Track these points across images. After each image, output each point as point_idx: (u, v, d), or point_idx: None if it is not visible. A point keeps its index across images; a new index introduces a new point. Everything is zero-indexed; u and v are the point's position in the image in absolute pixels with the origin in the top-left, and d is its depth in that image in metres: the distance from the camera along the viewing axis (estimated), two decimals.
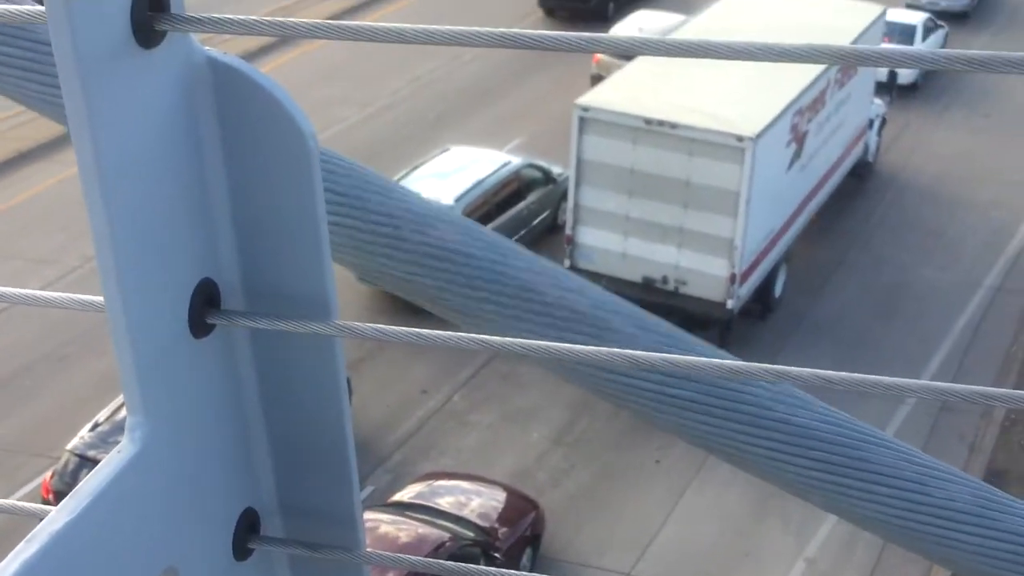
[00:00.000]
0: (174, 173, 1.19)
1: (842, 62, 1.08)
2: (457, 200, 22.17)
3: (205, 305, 1.24)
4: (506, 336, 1.57)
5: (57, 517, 1.12)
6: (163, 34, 1.12)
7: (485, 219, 22.56)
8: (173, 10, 1.12)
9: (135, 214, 1.14)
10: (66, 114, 1.09)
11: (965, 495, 1.61)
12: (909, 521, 1.61)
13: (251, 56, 31.44)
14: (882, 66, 1.07)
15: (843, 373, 1.14)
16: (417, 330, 1.20)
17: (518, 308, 1.61)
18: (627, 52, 1.14)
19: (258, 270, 1.26)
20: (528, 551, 16.51)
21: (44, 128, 26.28)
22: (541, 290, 1.62)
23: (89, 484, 1.15)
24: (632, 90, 21.43)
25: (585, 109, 20.96)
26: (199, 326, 1.24)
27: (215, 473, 1.31)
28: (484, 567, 1.38)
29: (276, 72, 30.81)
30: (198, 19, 1.12)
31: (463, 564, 1.38)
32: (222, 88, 1.19)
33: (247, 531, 1.35)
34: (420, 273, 1.62)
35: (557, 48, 1.10)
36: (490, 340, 1.22)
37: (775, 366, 1.16)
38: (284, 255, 1.25)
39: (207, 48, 1.19)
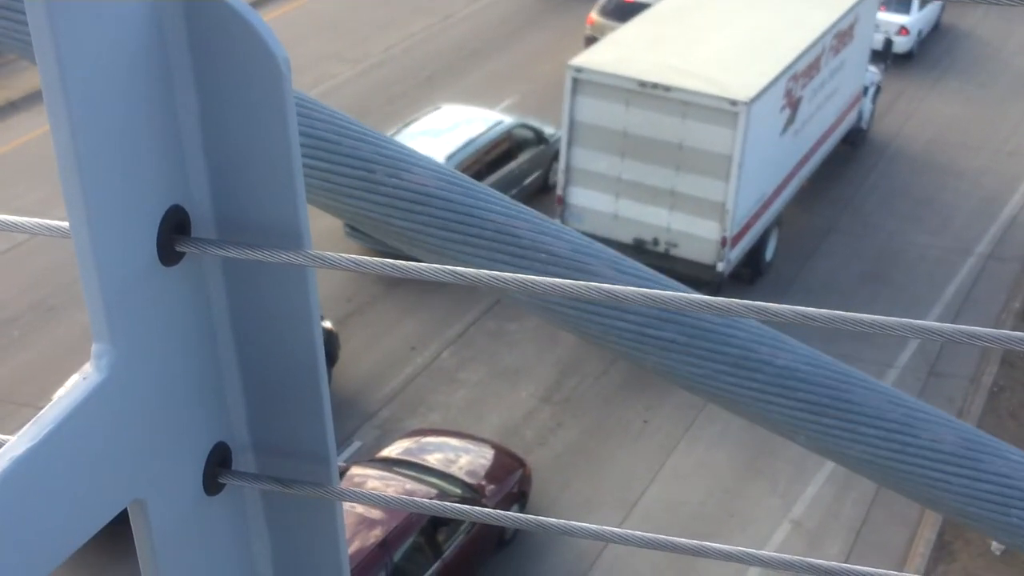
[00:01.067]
0: (142, 96, 1.14)
1: None
2: (448, 158, 22.10)
3: (174, 232, 1.20)
4: None
5: (18, 443, 1.08)
6: None
7: (476, 178, 22.12)
8: None
9: (101, 137, 1.10)
10: (31, 34, 1.04)
11: (951, 437, 1.61)
12: (895, 462, 1.62)
13: None
14: None
15: (821, 310, 1.11)
16: (392, 260, 1.17)
17: (495, 250, 1.62)
18: None
19: (230, 198, 1.23)
20: (515, 508, 16.52)
21: (33, 78, 26.11)
22: (518, 233, 1.62)
23: (52, 411, 1.11)
24: (626, 52, 21.33)
25: (578, 70, 20.86)
26: (168, 253, 1.20)
27: (185, 405, 1.27)
28: (457, 504, 1.36)
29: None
30: None
31: (441, 503, 1.35)
32: (193, 10, 1.15)
33: (218, 465, 1.32)
34: (396, 216, 1.63)
35: None
36: (465, 272, 1.18)
37: (753, 302, 1.12)
38: (256, 183, 1.21)
39: None
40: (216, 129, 1.19)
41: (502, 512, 1.33)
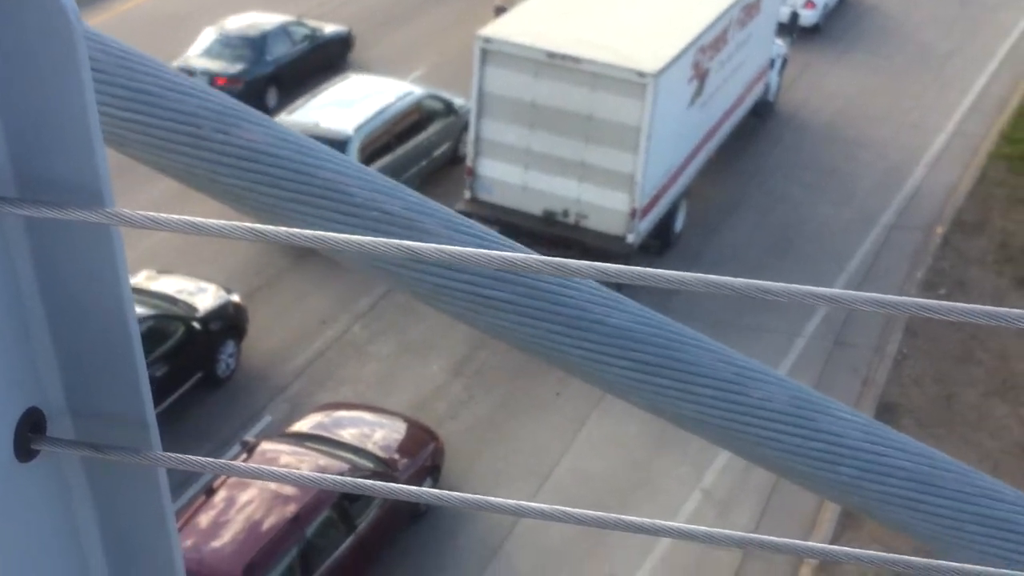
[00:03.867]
0: None
1: None
2: (357, 129, 21.92)
3: None
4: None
5: None
6: None
7: (385, 149, 22.39)
8: None
9: None
10: None
11: (782, 396, 1.63)
12: (727, 420, 1.63)
13: None
14: None
15: (648, 269, 1.08)
16: (191, 218, 1.14)
17: (326, 208, 1.60)
18: None
19: (28, 157, 1.19)
20: (428, 482, 16.51)
21: None
22: (350, 191, 1.60)
23: None
24: (535, 23, 21.29)
25: (487, 41, 20.79)
26: None
27: None
28: (340, 477, 1.32)
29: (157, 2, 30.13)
30: None
31: (266, 468, 1.31)
32: None
33: (31, 431, 1.28)
34: (224, 173, 1.60)
35: None
36: (264, 229, 1.14)
37: (582, 262, 1.09)
38: (54, 140, 1.18)
39: None
40: (8, 85, 1.16)
41: (381, 483, 1.28)
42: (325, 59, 27.44)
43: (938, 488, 1.62)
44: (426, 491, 1.25)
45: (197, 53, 26.18)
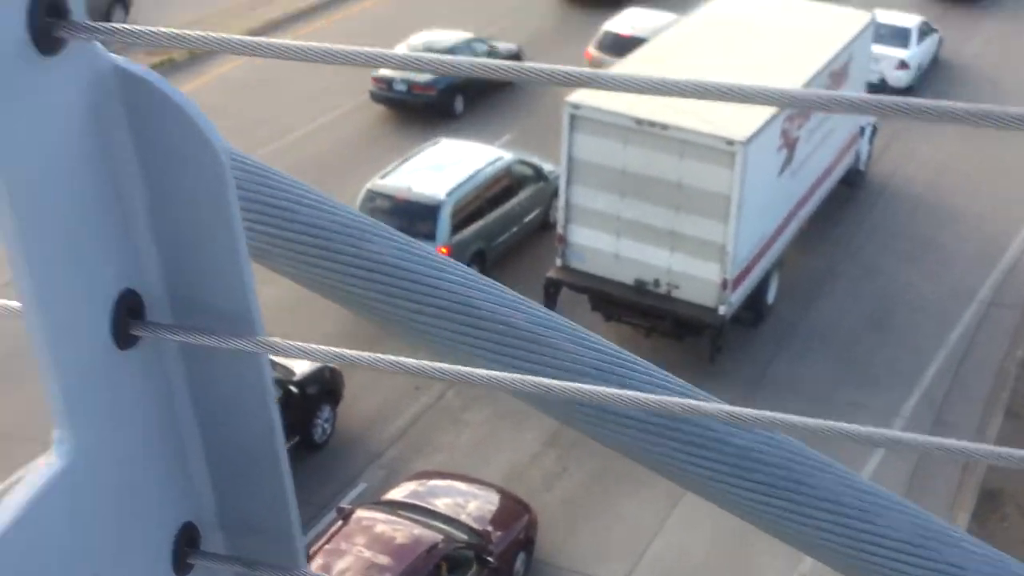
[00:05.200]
0: (86, 182, 1.17)
1: (804, 107, 1.07)
2: (449, 194, 22.00)
3: (128, 316, 1.23)
4: (448, 356, 1.65)
5: None
6: (63, 41, 1.11)
7: (477, 214, 22.44)
8: (74, 17, 1.10)
9: (46, 225, 1.13)
10: None
11: (906, 525, 1.61)
12: (852, 549, 1.61)
13: None
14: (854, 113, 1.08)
15: (811, 419, 1.13)
16: (337, 349, 1.20)
17: (453, 320, 1.64)
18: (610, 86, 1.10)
19: (181, 283, 1.26)
20: (521, 555, 16.44)
21: None
22: (476, 304, 1.65)
23: (14, 499, 1.13)
24: None
25: (576, 107, 20.80)
26: (123, 337, 1.23)
27: (149, 487, 1.29)
28: None
29: (254, 61, 30.42)
30: (98, 27, 1.11)
31: None
32: (130, 98, 1.17)
33: (186, 546, 1.34)
34: (355, 284, 1.66)
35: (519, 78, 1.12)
36: (406, 363, 1.19)
37: (725, 405, 1.13)
38: (205, 269, 1.25)
39: (114, 56, 1.18)
40: (164, 217, 1.22)
41: None
42: None
43: None
44: None
45: None
